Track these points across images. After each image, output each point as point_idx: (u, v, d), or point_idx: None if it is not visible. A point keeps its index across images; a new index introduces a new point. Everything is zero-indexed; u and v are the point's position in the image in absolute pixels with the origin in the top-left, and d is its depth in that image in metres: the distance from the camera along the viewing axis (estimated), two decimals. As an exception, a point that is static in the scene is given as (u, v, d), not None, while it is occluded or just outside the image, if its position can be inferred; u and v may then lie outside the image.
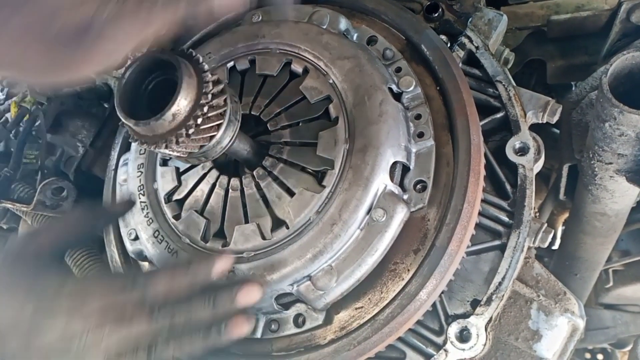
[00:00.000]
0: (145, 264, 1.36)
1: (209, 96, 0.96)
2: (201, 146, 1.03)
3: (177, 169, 1.31)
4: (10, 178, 1.75)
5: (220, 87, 1.01)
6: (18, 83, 1.85)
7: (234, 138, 1.08)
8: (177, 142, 0.96)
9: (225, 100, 1.01)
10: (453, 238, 1.14)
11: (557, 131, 1.67)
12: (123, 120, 0.97)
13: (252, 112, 1.30)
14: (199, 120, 0.96)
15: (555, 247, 1.97)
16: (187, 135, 0.96)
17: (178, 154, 1.03)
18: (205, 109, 0.96)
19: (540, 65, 1.84)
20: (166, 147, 0.97)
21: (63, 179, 1.70)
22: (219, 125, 1.02)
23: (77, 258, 1.57)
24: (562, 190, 1.69)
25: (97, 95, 1.85)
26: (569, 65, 1.79)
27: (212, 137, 1.02)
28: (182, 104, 0.94)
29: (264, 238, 1.18)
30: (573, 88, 1.72)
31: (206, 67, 0.98)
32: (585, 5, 1.65)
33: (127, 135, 1.06)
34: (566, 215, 1.96)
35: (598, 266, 1.83)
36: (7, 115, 1.99)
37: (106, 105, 1.86)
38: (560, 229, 2.03)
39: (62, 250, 1.28)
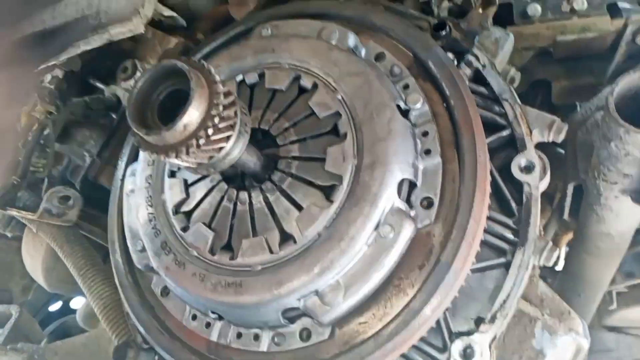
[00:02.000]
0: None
1: (220, 107, 0.97)
2: (211, 157, 1.03)
3: (185, 181, 1.31)
4: (17, 186, 1.76)
5: (231, 98, 1.01)
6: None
7: (243, 150, 1.09)
8: (188, 152, 0.96)
9: (235, 112, 1.02)
10: (458, 254, 1.14)
11: (562, 151, 1.68)
12: (134, 129, 0.98)
13: (261, 126, 1.31)
14: (210, 131, 0.96)
15: (559, 267, 1.96)
16: (198, 146, 0.96)
17: (187, 165, 1.04)
18: (216, 120, 0.97)
19: (545, 86, 1.86)
20: (176, 157, 0.97)
21: (69, 188, 1.71)
22: (228, 137, 1.03)
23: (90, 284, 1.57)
24: (566, 210, 1.68)
25: (105, 106, 1.86)
26: (574, 85, 1.81)
27: (221, 148, 1.03)
28: (193, 114, 0.95)
29: (271, 252, 1.18)
30: (578, 108, 1.74)
31: (217, 78, 0.99)
32: (591, 27, 1.67)
33: (136, 145, 1.06)
34: (570, 235, 1.95)
35: (602, 287, 1.82)
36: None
37: (114, 116, 1.88)
38: (564, 250, 2.02)
39: None
